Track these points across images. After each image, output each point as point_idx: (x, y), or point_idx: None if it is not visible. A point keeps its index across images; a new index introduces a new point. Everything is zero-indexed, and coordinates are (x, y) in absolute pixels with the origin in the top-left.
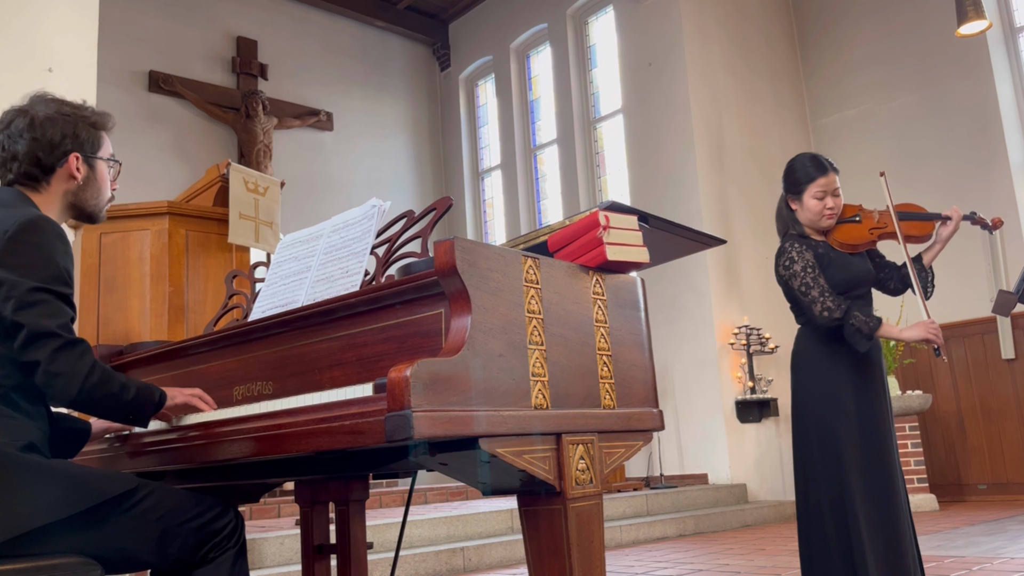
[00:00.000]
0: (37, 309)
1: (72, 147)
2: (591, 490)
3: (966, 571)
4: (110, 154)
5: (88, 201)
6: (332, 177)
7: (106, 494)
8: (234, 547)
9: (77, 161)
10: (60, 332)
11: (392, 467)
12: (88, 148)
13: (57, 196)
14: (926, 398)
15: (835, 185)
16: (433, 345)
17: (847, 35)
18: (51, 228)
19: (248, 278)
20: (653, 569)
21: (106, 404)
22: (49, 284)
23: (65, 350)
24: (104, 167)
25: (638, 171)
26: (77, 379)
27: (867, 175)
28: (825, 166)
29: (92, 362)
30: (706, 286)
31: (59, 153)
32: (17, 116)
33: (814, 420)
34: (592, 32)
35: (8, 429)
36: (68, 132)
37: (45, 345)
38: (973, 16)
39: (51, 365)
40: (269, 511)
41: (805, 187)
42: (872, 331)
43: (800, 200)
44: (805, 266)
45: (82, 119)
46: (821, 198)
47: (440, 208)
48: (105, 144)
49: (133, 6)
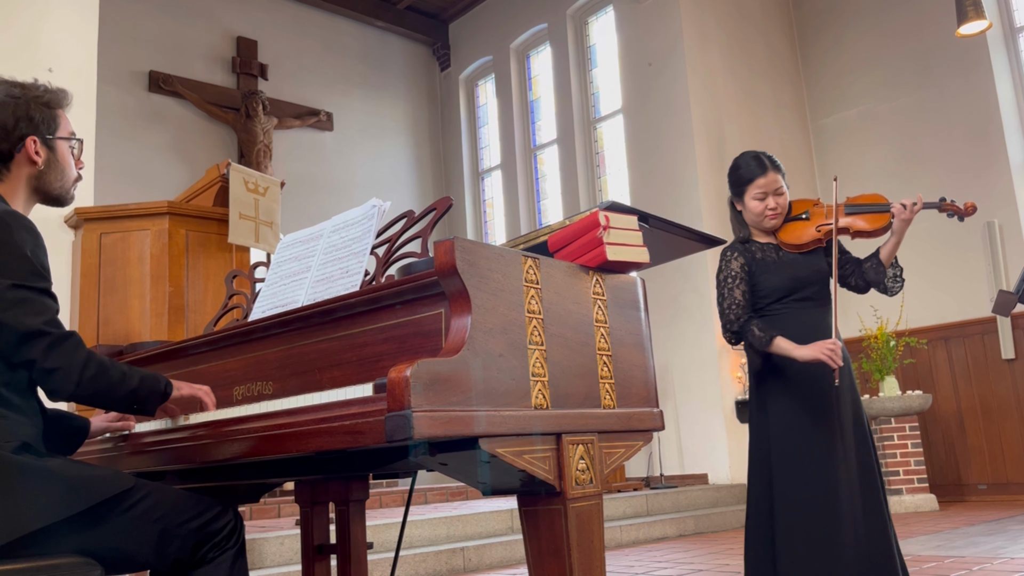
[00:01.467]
0: (21, 308)
1: (27, 130)
2: (591, 490)
3: (966, 571)
4: (70, 132)
5: (52, 184)
6: (332, 177)
7: (103, 495)
8: (233, 547)
9: (35, 145)
10: (48, 329)
11: (392, 467)
12: (44, 129)
13: (19, 183)
14: (926, 398)
15: (777, 184)
16: (433, 345)
17: (847, 35)
18: (18, 222)
19: (248, 278)
20: (653, 569)
21: (107, 394)
22: (26, 281)
23: (58, 345)
24: (65, 147)
25: (638, 171)
26: (74, 372)
27: (867, 175)
28: (765, 165)
29: (87, 354)
30: (706, 286)
31: (14, 138)
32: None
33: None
34: (592, 32)
35: (2, 429)
36: (21, 115)
37: (36, 344)
38: (973, 16)
39: (46, 362)
40: (269, 511)
41: (745, 188)
42: (764, 346)
43: (742, 201)
44: (727, 277)
45: (34, 99)
46: (762, 199)
47: (440, 208)
48: (63, 123)
49: (133, 6)
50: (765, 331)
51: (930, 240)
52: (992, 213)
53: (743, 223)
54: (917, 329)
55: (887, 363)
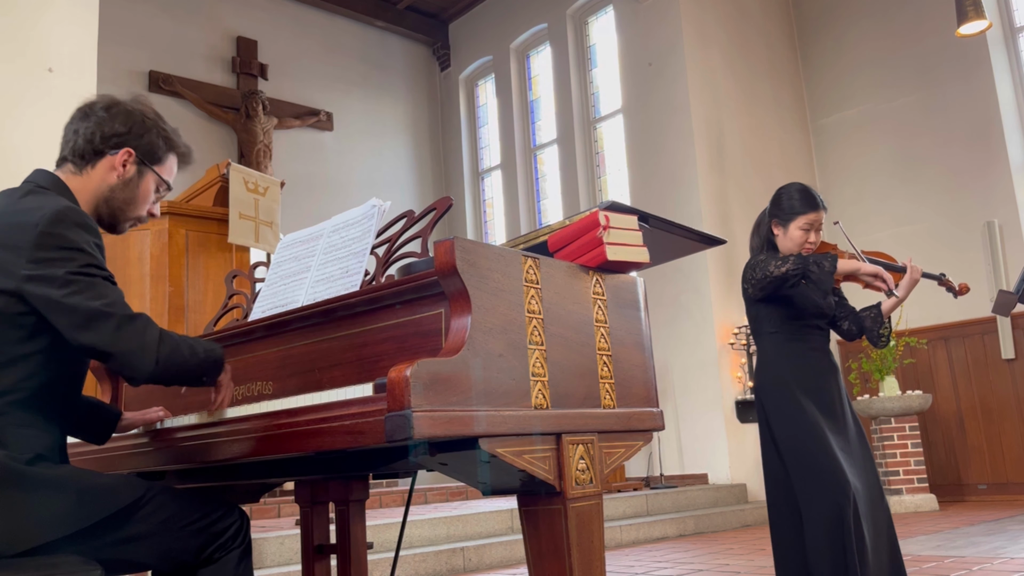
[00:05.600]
0: (81, 292)
1: (131, 143)
2: (591, 490)
3: (966, 571)
4: (166, 176)
5: (118, 202)
6: (332, 177)
7: (113, 507)
8: (239, 547)
9: (128, 157)
10: (112, 310)
11: (392, 467)
12: (146, 153)
13: (93, 185)
14: (926, 398)
15: (821, 221)
16: (433, 345)
17: (847, 35)
18: (80, 218)
19: (248, 278)
20: (653, 569)
21: (183, 370)
22: (84, 269)
23: (127, 326)
24: (151, 182)
25: (638, 171)
26: (150, 352)
27: (867, 175)
28: (818, 203)
29: (158, 332)
30: (706, 286)
31: (114, 142)
32: (105, 101)
33: (790, 445)
34: (592, 32)
35: (20, 439)
36: (135, 129)
37: (102, 326)
38: (973, 16)
39: (117, 345)
40: (269, 511)
41: (796, 217)
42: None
43: (785, 228)
44: (776, 259)
45: (159, 129)
46: (807, 230)
47: (440, 208)
48: (167, 165)
49: (133, 6)
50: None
51: (930, 240)
52: (992, 213)
53: (772, 247)
54: (917, 329)
55: (887, 363)
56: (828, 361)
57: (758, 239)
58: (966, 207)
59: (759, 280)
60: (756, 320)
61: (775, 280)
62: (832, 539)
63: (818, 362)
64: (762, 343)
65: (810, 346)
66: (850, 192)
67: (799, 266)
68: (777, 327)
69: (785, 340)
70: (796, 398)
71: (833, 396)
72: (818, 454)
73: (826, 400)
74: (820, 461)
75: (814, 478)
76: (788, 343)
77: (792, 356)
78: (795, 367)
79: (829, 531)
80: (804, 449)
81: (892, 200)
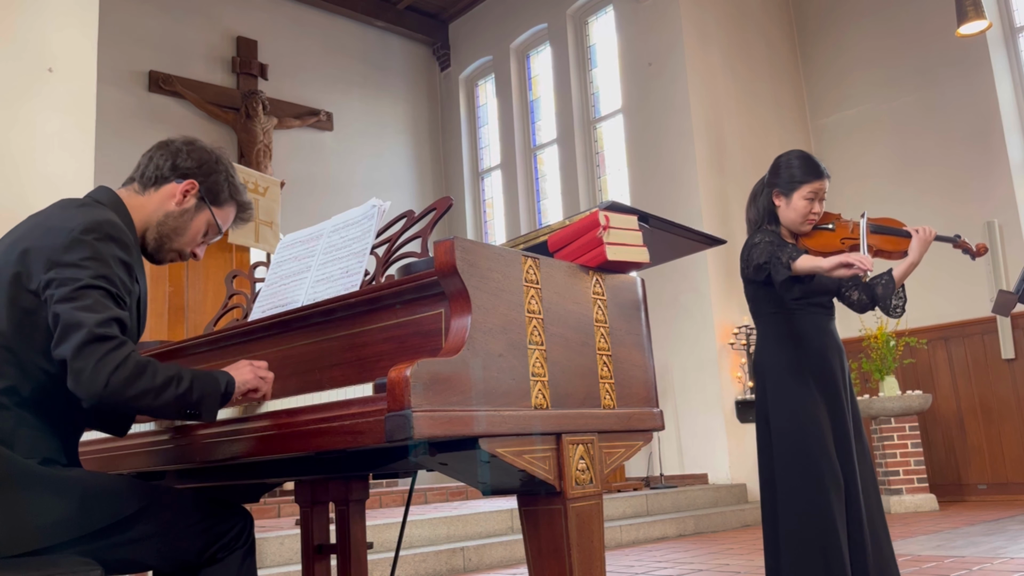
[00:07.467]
0: (77, 303)
1: (197, 177)
2: (591, 490)
3: (966, 571)
4: (221, 220)
5: (167, 229)
6: (332, 177)
7: (117, 514)
8: (242, 547)
9: (191, 188)
10: (88, 325)
11: (392, 467)
12: (208, 191)
13: (152, 207)
14: (926, 398)
15: (825, 190)
16: (433, 345)
17: (847, 35)
18: (114, 232)
19: (248, 278)
20: (653, 569)
21: (144, 400)
22: (95, 281)
23: (94, 343)
24: (204, 222)
25: (638, 171)
26: (102, 374)
27: (867, 175)
28: (822, 171)
29: (123, 357)
30: (706, 286)
31: (182, 171)
32: (185, 138)
33: (783, 430)
34: (592, 32)
35: (29, 441)
36: (204, 169)
37: (72, 338)
38: (973, 16)
39: (76, 360)
40: (269, 511)
41: (799, 186)
42: (793, 260)
43: (789, 198)
44: (772, 241)
45: (227, 176)
46: (811, 200)
47: (440, 208)
48: (225, 210)
49: (133, 6)
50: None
51: None
52: (992, 213)
53: (773, 218)
54: (917, 329)
55: (887, 363)
56: (832, 340)
57: (755, 211)
58: (966, 207)
59: (754, 268)
60: (755, 300)
61: (761, 269)
62: (805, 536)
63: (821, 342)
64: (762, 323)
65: (813, 325)
66: (850, 192)
67: (766, 260)
68: (777, 307)
69: (785, 320)
70: (797, 381)
71: (837, 377)
72: (811, 446)
73: (830, 382)
74: (812, 453)
75: (801, 470)
76: (788, 323)
77: (793, 336)
78: (797, 348)
79: (804, 525)
80: (797, 438)
81: (892, 200)
